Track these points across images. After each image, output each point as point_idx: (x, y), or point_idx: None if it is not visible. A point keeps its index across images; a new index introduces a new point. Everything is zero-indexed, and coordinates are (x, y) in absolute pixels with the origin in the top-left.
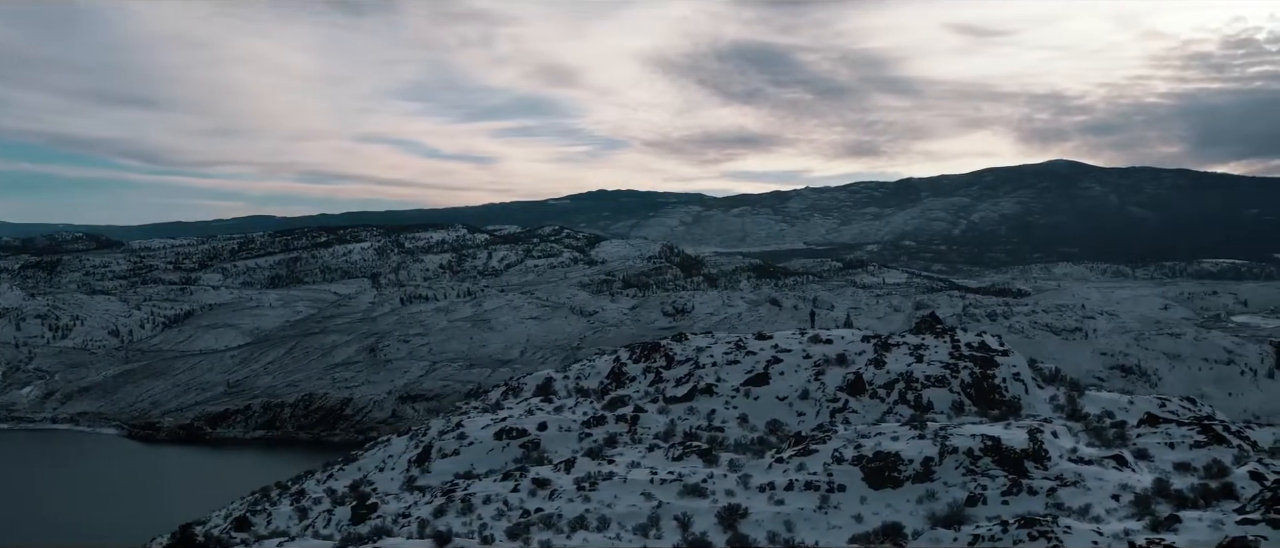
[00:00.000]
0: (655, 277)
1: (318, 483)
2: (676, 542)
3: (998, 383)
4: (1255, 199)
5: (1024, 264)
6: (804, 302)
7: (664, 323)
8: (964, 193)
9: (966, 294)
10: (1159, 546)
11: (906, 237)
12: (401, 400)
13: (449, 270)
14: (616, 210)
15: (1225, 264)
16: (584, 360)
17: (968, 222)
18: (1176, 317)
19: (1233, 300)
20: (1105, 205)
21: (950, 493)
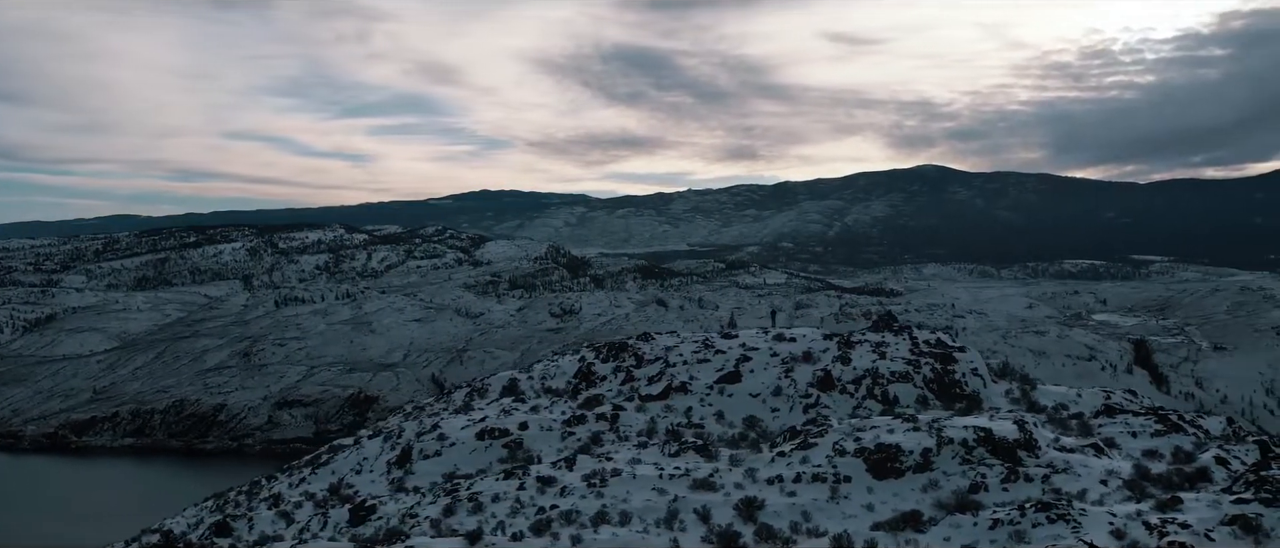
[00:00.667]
0: (542, 278)
1: (290, 487)
2: (703, 533)
3: (958, 378)
4: (1111, 203)
5: (895, 265)
6: (690, 302)
7: (552, 324)
8: (838, 196)
9: (843, 294)
10: (1173, 524)
11: (785, 238)
12: (278, 406)
13: (326, 272)
14: (500, 211)
15: (1084, 265)
16: (546, 360)
17: (842, 224)
18: (1040, 315)
19: (1093, 300)
20: (971, 209)
21: (952, 482)
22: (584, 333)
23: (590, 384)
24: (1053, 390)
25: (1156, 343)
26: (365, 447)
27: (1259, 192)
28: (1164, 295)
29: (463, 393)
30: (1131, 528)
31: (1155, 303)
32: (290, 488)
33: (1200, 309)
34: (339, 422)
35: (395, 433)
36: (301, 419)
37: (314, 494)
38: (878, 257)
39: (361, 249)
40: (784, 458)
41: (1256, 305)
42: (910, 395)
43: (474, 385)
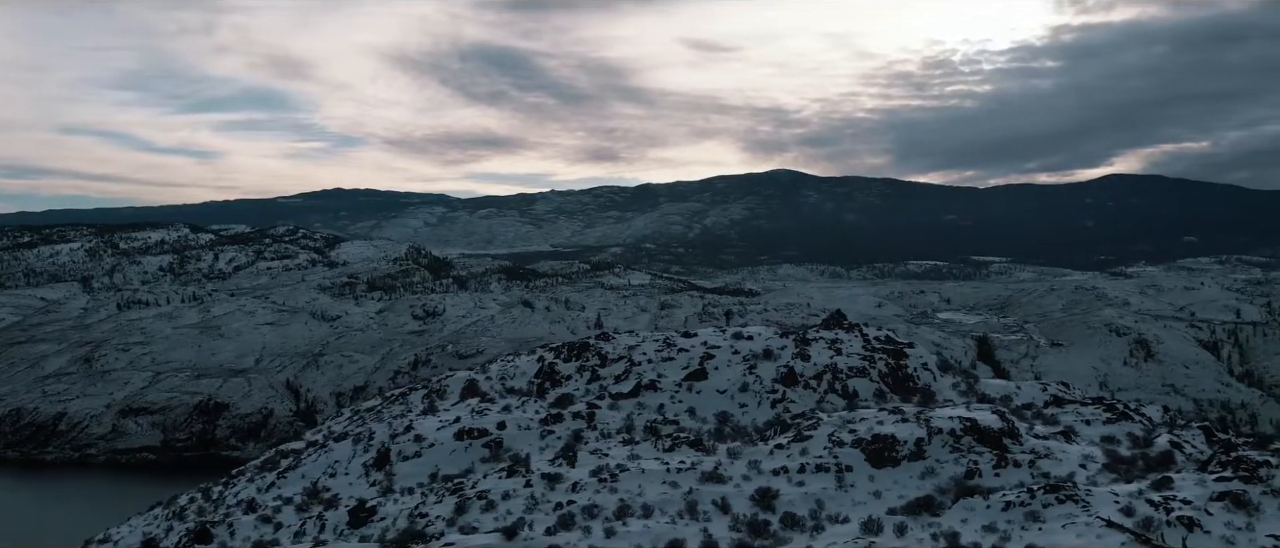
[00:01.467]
0: (402, 279)
1: (260, 491)
2: (729, 523)
3: (910, 372)
4: (952, 206)
5: (753, 266)
6: (556, 303)
7: (414, 327)
8: (698, 199)
9: (705, 294)
10: (1175, 500)
11: (647, 239)
12: (123, 415)
13: (171, 273)
14: (355, 210)
15: (928, 266)
16: (503, 360)
17: (702, 226)
18: (889, 314)
19: (937, 299)
20: (822, 212)
21: (947, 469)
22: (449, 335)
23: (555, 384)
24: (995, 384)
25: (998, 340)
26: (334, 449)
27: (1089, 196)
28: (1003, 295)
29: (419, 394)
30: (1138, 506)
31: (996, 302)
32: (260, 493)
33: (1038, 308)
34: (187, 431)
35: (365, 436)
36: (148, 428)
37: (290, 498)
38: (736, 258)
39: (208, 250)
40: (783, 450)
41: (1089, 304)
42: (868, 390)
43: (431, 387)
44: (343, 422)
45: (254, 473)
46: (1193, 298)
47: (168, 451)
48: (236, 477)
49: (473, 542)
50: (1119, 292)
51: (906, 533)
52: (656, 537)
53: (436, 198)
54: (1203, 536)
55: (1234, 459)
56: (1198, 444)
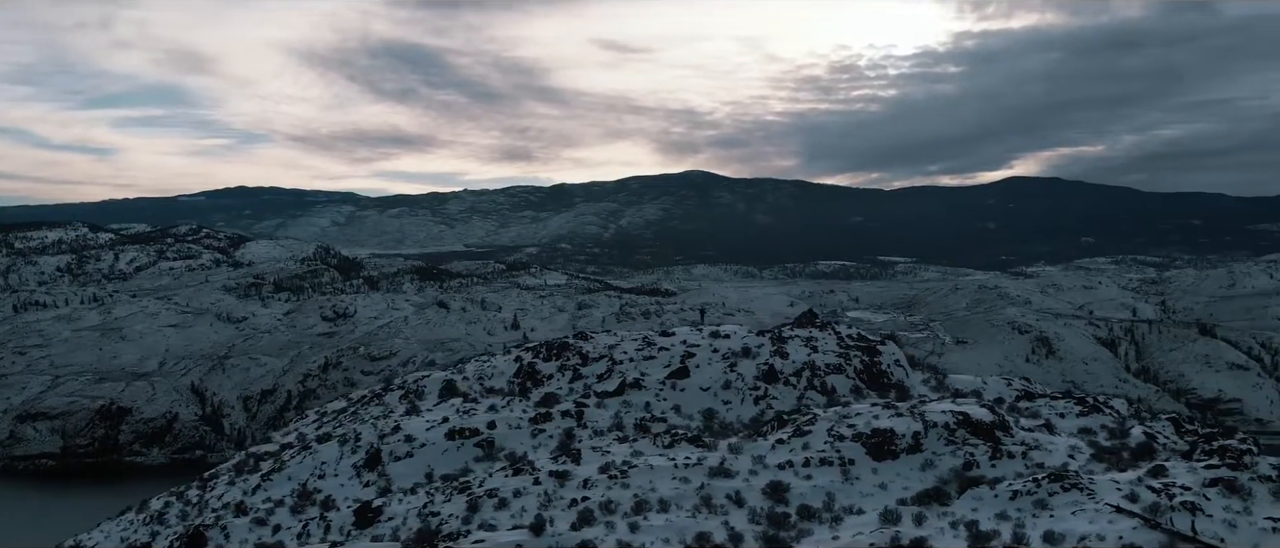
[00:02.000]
0: (311, 279)
1: (246, 494)
2: (748, 515)
3: (885, 368)
4: (859, 207)
5: (668, 266)
6: (472, 304)
7: (324, 328)
8: (613, 199)
9: (622, 294)
10: (1174, 487)
11: (562, 240)
12: (20, 420)
13: (69, 274)
14: (260, 209)
15: (837, 266)
16: (477, 360)
17: (617, 226)
18: (801, 312)
19: (846, 298)
20: (734, 212)
21: (945, 461)
22: (361, 337)
23: (537, 383)
24: (961, 379)
25: (905, 338)
26: (318, 451)
27: (990, 198)
28: (909, 294)
29: (396, 395)
30: (1141, 493)
31: (902, 301)
32: (247, 495)
33: (943, 306)
34: (89, 436)
35: (351, 437)
36: (47, 434)
37: (282, 501)
38: (651, 258)
39: (108, 249)
40: (784, 445)
41: (992, 303)
42: (845, 386)
43: (408, 387)
44: (310, 424)
45: (232, 476)
46: (1091, 297)
47: (68, 457)
48: (212, 480)
49: (503, 538)
50: (1021, 291)
51: (924, 523)
52: (681, 531)
53: (345, 196)
54: (1206, 520)
55: (1219, 448)
56: (1168, 435)
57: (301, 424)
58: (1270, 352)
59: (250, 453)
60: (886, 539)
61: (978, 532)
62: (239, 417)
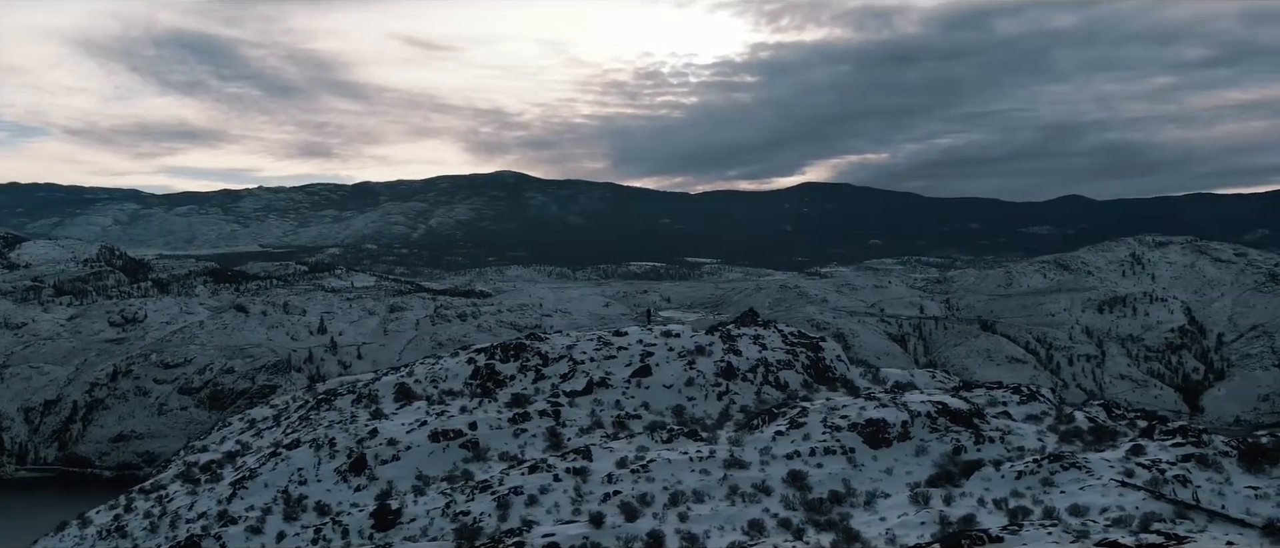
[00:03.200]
0: (95, 282)
1: (221, 501)
2: (783, 501)
3: (828, 363)
4: (667, 210)
5: (480, 267)
6: (273, 308)
7: (112, 335)
8: (421, 198)
9: (436, 296)
10: (1161, 463)
11: (368, 240)
12: None
13: None
14: (35, 206)
15: (648, 267)
16: (424, 362)
17: (426, 226)
18: (617, 313)
19: (659, 298)
20: (547, 214)
21: (935, 447)
22: (152, 343)
23: (498, 384)
24: (891, 372)
25: None
26: (291, 457)
27: (787, 203)
28: (717, 294)
29: (349, 399)
30: (1135, 469)
31: (711, 300)
32: (223, 504)
33: (748, 304)
34: None
35: (324, 442)
36: None
37: (268, 507)
38: (463, 259)
39: None
40: (784, 437)
41: (793, 301)
42: (796, 381)
43: (359, 391)
44: (246, 433)
45: (190, 486)
46: (882, 295)
47: None
48: (154, 491)
49: (572, 531)
50: (818, 290)
51: (953, 502)
52: (728, 519)
53: (128, 193)
54: (1199, 490)
55: (1179, 428)
56: (1104, 418)
57: (230, 432)
58: (1045, 346)
59: (193, 464)
60: (934, 517)
61: (1008, 508)
62: (21, 430)
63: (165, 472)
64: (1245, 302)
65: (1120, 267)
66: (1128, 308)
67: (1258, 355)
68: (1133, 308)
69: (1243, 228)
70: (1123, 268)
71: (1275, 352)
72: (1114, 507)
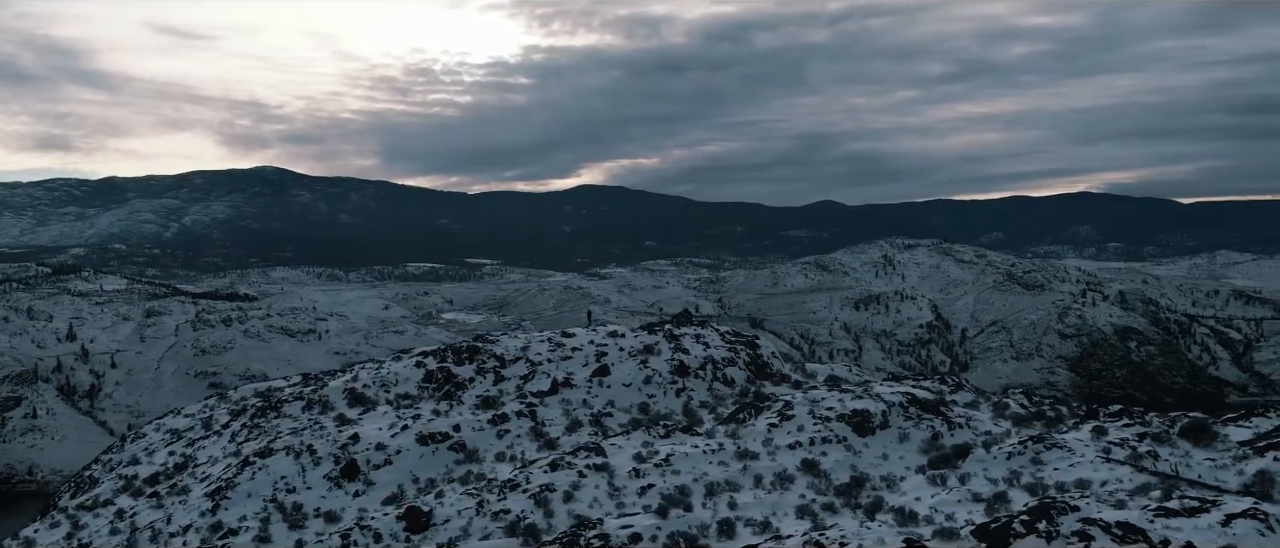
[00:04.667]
0: None
1: (203, 514)
2: (808, 488)
3: (766, 360)
4: (444, 210)
5: (242, 269)
6: (16, 313)
7: None
8: (174, 195)
9: (197, 300)
10: (1128, 442)
11: (116, 240)
12: None
13: None
14: None
15: (426, 268)
16: (366, 366)
17: (180, 225)
18: (397, 316)
19: (440, 300)
20: (315, 212)
21: (915, 433)
22: None
23: (458, 386)
24: (817, 367)
25: None
26: (268, 465)
27: (565, 204)
28: (500, 295)
29: (298, 405)
30: (1111, 448)
31: (495, 302)
32: (206, 516)
33: (532, 306)
34: None
35: (302, 449)
36: None
37: (265, 516)
38: (223, 260)
39: None
40: (778, 428)
41: (577, 302)
42: (741, 377)
43: (309, 397)
44: (178, 444)
45: (145, 499)
46: (660, 295)
47: None
48: (96, 507)
49: (644, 522)
50: (601, 291)
51: (968, 481)
52: (776, 505)
53: None
54: (1169, 464)
55: (1121, 411)
56: (1027, 403)
57: (151, 444)
58: (808, 341)
59: (122, 475)
60: (966, 494)
61: (1021, 483)
62: None
63: (98, 487)
64: (985, 299)
65: (874, 267)
66: (881, 306)
67: (997, 348)
68: (886, 306)
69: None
70: (876, 269)
71: (1013, 345)
72: (1112, 481)
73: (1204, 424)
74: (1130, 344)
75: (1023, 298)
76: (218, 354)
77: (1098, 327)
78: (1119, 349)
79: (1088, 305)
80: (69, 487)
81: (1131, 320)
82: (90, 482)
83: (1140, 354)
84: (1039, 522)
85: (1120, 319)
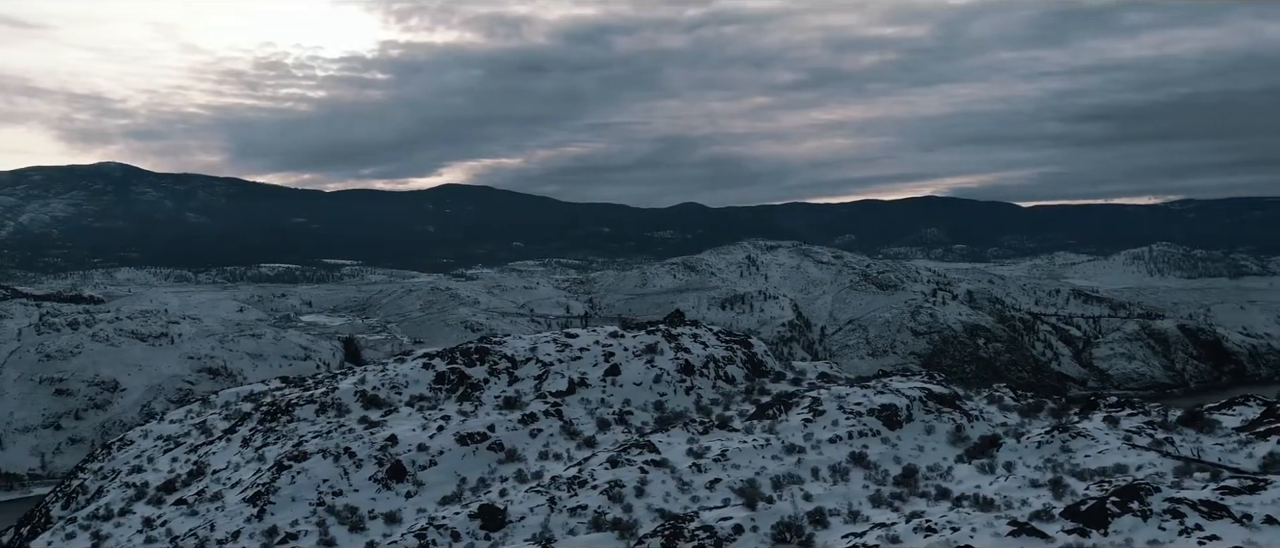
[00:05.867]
0: None
1: (249, 520)
2: (866, 478)
3: (760, 358)
4: (300, 209)
5: (85, 270)
6: None
7: None
8: (9, 192)
9: (40, 302)
10: (1145, 429)
11: None
12: None
13: None
14: None
15: (282, 269)
16: (372, 369)
17: (16, 223)
18: (253, 319)
19: (299, 302)
20: (161, 210)
21: (940, 426)
22: None
23: (473, 388)
24: (803, 365)
25: (364, 340)
26: (308, 469)
27: (429, 203)
28: (362, 297)
29: (312, 408)
30: (1133, 436)
31: (356, 304)
32: (251, 521)
33: (398, 308)
34: None
35: (340, 452)
36: None
37: (319, 521)
38: (64, 260)
39: None
40: (813, 423)
41: (445, 304)
42: (740, 375)
43: (320, 400)
44: (160, 452)
45: (173, 507)
46: (531, 296)
47: None
48: (111, 518)
49: (737, 514)
50: (470, 292)
51: (1015, 469)
52: (847, 495)
53: None
54: (1190, 448)
55: (1121, 401)
56: (1015, 396)
57: (140, 452)
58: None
59: (129, 484)
60: (1026, 482)
61: (1067, 470)
62: None
63: (104, 497)
64: (843, 299)
65: (739, 268)
66: (746, 305)
67: (855, 346)
68: (750, 305)
69: (834, 233)
70: (741, 269)
71: (869, 342)
72: (1146, 465)
73: (1200, 413)
74: (979, 341)
75: (878, 297)
76: (64, 360)
77: (948, 325)
78: (968, 346)
79: (938, 304)
80: (57, 497)
81: (980, 318)
82: (84, 491)
83: (988, 351)
84: (1131, 502)
85: (969, 317)
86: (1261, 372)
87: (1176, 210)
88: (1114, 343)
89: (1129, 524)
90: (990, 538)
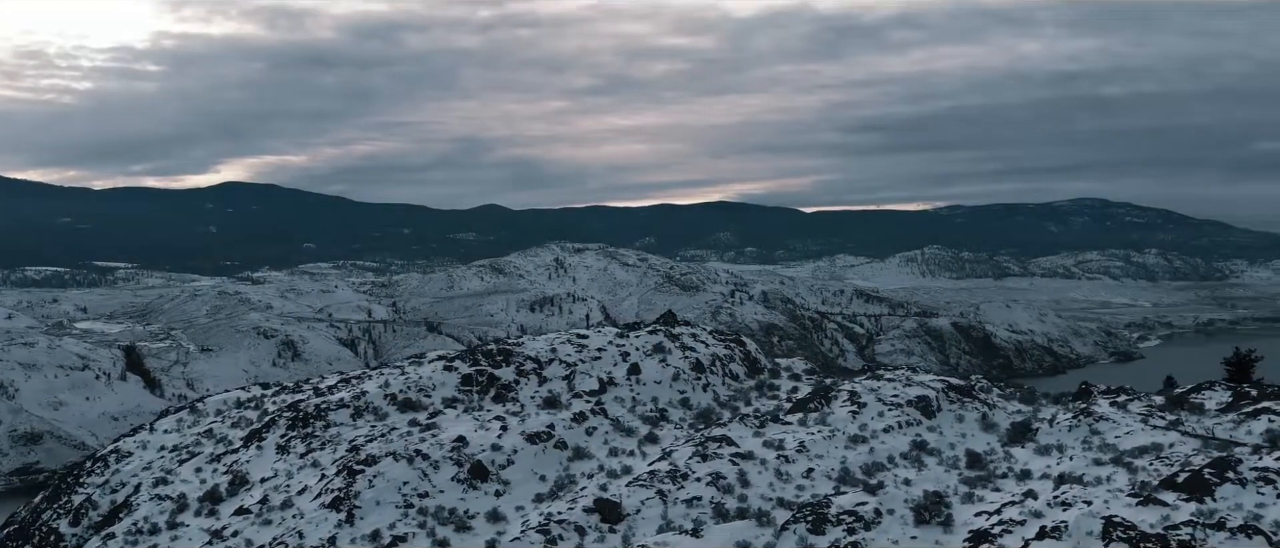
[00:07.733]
0: None
1: (343, 525)
2: (937, 464)
3: (754, 356)
4: (66, 208)
5: None
6: None
7: None
8: None
9: None
10: (1158, 411)
11: None
12: None
13: None
14: None
15: (50, 272)
16: (390, 373)
17: None
18: (23, 326)
19: (72, 307)
20: None
21: (969, 414)
22: None
23: (505, 389)
24: (792, 363)
25: (146, 348)
26: (384, 472)
27: (208, 202)
28: (142, 302)
29: (345, 413)
30: (1150, 416)
31: (137, 309)
32: (342, 526)
33: (183, 314)
34: None
35: (409, 454)
36: None
37: (417, 521)
38: None
39: None
40: (857, 416)
41: (234, 309)
42: (741, 372)
43: (351, 404)
44: (178, 462)
45: (239, 516)
46: (329, 300)
47: None
48: (175, 527)
49: (857, 499)
50: (263, 297)
51: (1067, 451)
52: (939, 479)
53: None
54: (1202, 427)
55: (1117, 389)
56: (1005, 389)
57: (141, 461)
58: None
59: (164, 495)
60: (1091, 462)
61: (1122, 449)
62: None
63: (134, 512)
64: (648, 300)
65: (546, 270)
66: (555, 307)
67: None
68: (559, 306)
69: (634, 236)
70: (549, 271)
71: None
72: (1177, 443)
73: (1185, 397)
74: (774, 339)
75: (681, 298)
76: None
77: (747, 324)
78: (765, 344)
79: (737, 304)
80: (59, 514)
81: (774, 317)
82: (94, 505)
83: (782, 348)
84: (1227, 471)
85: (764, 316)
86: (1027, 365)
87: (945, 216)
88: (894, 339)
89: (1231, 491)
90: (1121, 507)
